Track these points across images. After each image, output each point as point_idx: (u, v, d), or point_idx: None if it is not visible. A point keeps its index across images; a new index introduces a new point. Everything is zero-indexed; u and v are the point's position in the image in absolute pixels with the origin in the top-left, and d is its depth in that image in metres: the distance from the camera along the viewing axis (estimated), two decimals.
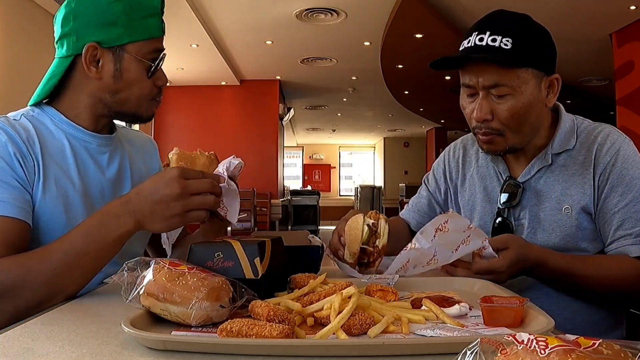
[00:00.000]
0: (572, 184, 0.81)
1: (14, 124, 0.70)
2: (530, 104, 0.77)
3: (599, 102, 5.87)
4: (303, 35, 4.41)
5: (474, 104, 0.79)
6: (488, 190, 0.89)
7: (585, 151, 0.81)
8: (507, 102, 0.76)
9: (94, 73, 0.73)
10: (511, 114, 0.77)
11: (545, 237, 0.81)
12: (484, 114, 0.77)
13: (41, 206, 0.68)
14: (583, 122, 0.86)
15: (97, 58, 0.73)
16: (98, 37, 0.72)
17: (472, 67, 0.78)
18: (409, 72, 5.21)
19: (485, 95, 0.77)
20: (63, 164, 0.73)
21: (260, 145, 5.98)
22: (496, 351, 0.28)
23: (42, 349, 0.42)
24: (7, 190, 0.65)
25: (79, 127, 0.76)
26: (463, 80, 0.80)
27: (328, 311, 0.46)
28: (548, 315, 0.46)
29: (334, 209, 10.64)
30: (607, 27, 3.84)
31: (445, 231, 0.66)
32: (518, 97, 0.76)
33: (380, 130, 10.33)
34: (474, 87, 0.78)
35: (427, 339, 0.43)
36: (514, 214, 0.84)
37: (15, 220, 0.64)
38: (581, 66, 4.79)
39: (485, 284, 0.64)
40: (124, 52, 0.73)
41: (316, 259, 0.71)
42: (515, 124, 0.78)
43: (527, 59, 0.76)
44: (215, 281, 0.47)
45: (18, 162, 0.67)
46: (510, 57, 0.74)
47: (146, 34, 0.73)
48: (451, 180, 0.97)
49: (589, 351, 0.26)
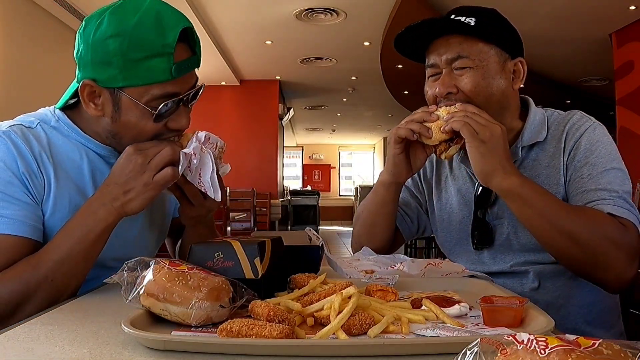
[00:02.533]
0: (545, 177, 0.79)
1: (27, 136, 0.66)
2: (493, 79, 0.77)
3: (598, 102, 5.87)
4: (303, 35, 4.41)
5: (437, 82, 0.78)
6: (462, 192, 0.87)
7: (555, 142, 0.80)
8: (469, 75, 0.76)
9: (92, 110, 0.66)
10: (474, 86, 0.75)
11: (527, 235, 0.78)
12: (446, 87, 0.76)
13: (49, 224, 0.66)
14: (553, 113, 0.84)
15: (98, 94, 0.65)
16: (94, 75, 0.64)
17: (436, 44, 0.78)
18: (408, 72, 5.19)
19: (449, 72, 0.77)
20: (78, 180, 0.70)
21: (260, 145, 5.98)
22: (496, 351, 0.28)
23: (42, 349, 0.42)
24: (19, 207, 0.63)
25: (95, 141, 0.71)
26: (427, 62, 0.80)
27: (328, 311, 0.45)
28: (548, 315, 0.46)
29: (334, 209, 10.65)
30: (607, 27, 3.84)
31: (438, 267, 0.68)
32: (480, 70, 0.76)
33: (380, 131, 10.33)
34: (437, 66, 0.78)
35: (427, 339, 0.43)
36: (492, 214, 0.82)
37: (25, 240, 0.63)
38: (581, 66, 4.79)
39: (485, 285, 0.64)
40: (122, 94, 0.64)
41: (316, 259, 0.71)
42: (481, 99, 0.76)
43: (489, 34, 0.77)
44: (215, 281, 0.47)
45: (26, 179, 0.64)
46: (473, 29, 0.76)
47: (146, 78, 0.62)
48: (425, 180, 0.95)
49: (589, 351, 0.26)
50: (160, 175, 0.63)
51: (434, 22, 0.79)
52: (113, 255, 0.69)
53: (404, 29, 0.79)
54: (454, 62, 0.76)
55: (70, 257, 0.62)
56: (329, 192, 11.37)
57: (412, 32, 0.79)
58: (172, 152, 0.63)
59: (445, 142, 0.74)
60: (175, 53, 0.63)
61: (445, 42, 0.78)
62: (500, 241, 0.82)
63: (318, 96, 7.03)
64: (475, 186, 0.84)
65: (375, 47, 4.64)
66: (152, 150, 0.63)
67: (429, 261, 0.68)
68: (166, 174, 0.63)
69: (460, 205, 0.87)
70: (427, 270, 0.67)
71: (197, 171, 0.67)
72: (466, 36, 0.77)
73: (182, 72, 0.65)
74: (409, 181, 0.95)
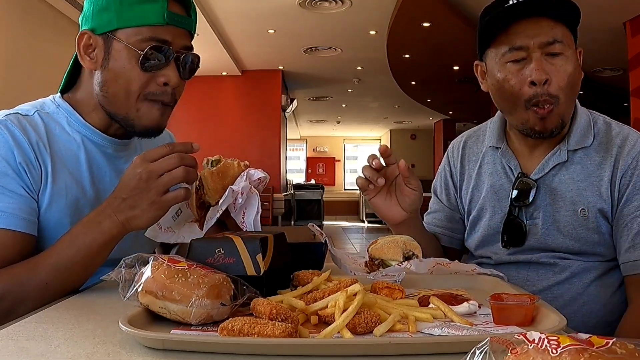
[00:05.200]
0: (588, 185, 0.77)
1: (24, 125, 0.66)
2: (577, 69, 0.73)
3: (612, 93, 5.76)
4: (306, 24, 4.36)
5: (526, 69, 0.72)
6: (496, 187, 0.83)
7: (603, 152, 0.77)
8: (562, 63, 0.71)
9: (87, 62, 0.68)
10: (568, 75, 0.71)
11: (560, 239, 0.77)
12: (544, 73, 0.69)
13: (46, 216, 0.66)
14: (599, 118, 0.81)
15: (93, 46, 0.68)
16: (92, 24, 0.68)
17: (523, 25, 0.72)
18: (416, 62, 5.14)
19: (540, 56, 0.70)
20: (75, 171, 0.69)
21: (262, 137, 5.96)
22: (506, 350, 0.27)
23: (37, 349, 0.41)
24: (13, 199, 0.62)
25: (95, 129, 0.71)
26: (510, 42, 0.73)
27: (332, 309, 0.44)
28: (560, 313, 0.45)
29: (339, 203, 10.65)
30: (621, 15, 3.76)
31: (447, 267, 0.66)
32: (570, 58, 0.72)
33: (387, 122, 10.27)
34: (525, 49, 0.71)
35: (435, 338, 0.42)
36: (527, 213, 0.79)
37: (19, 234, 0.62)
38: (594, 56, 4.68)
39: (495, 282, 0.62)
40: (114, 39, 0.66)
41: (320, 255, 0.70)
42: (569, 89, 0.72)
43: (574, 19, 0.72)
44: (216, 278, 0.46)
45: (24, 170, 0.64)
46: (566, 11, 0.71)
47: (139, 19, 0.65)
48: (453, 182, 0.92)
49: (602, 350, 0.25)
50: (171, 195, 0.61)
51: (525, 1, 0.71)
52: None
53: (492, 5, 0.73)
54: (548, 47, 0.71)
55: (69, 265, 0.60)
56: (334, 186, 11.35)
57: (497, 11, 0.73)
58: (184, 173, 0.60)
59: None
60: (169, 3, 0.67)
61: (535, 24, 0.71)
62: (531, 242, 0.80)
63: (322, 87, 6.98)
64: (511, 182, 0.81)
65: (381, 36, 4.57)
66: (160, 165, 0.60)
67: (437, 261, 0.66)
68: (178, 195, 0.61)
69: (492, 200, 0.83)
70: (435, 270, 0.65)
71: (241, 210, 0.67)
72: (555, 20, 0.71)
73: (173, 21, 0.67)
74: (442, 196, 0.92)
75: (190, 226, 0.69)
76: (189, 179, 0.61)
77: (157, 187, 0.60)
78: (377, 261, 0.69)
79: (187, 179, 0.61)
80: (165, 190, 0.60)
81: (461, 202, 0.90)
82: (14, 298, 0.59)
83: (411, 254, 0.68)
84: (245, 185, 0.65)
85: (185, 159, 0.61)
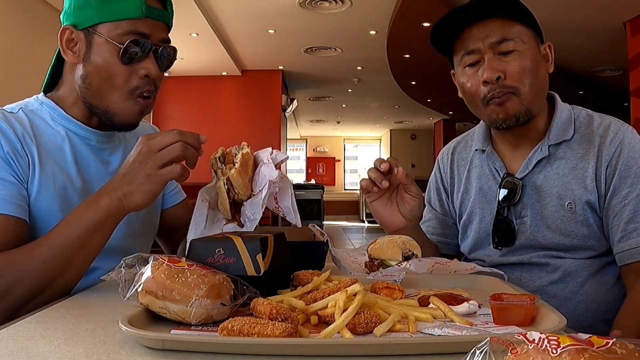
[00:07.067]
0: (572, 178, 0.77)
1: (9, 118, 0.68)
2: (536, 62, 0.75)
3: (612, 93, 5.76)
4: (306, 24, 4.36)
5: (480, 70, 0.75)
6: (484, 190, 0.84)
7: (586, 144, 0.78)
8: (514, 59, 0.73)
9: (70, 56, 0.70)
10: (522, 69, 0.73)
11: (549, 235, 0.78)
12: (494, 71, 0.73)
13: (36, 204, 0.67)
14: (581, 112, 0.82)
15: (75, 41, 0.70)
16: (73, 20, 0.69)
17: (472, 30, 0.75)
18: (416, 62, 5.13)
19: (492, 56, 0.74)
20: (61, 161, 0.71)
21: (262, 137, 5.96)
22: (506, 350, 0.27)
23: (36, 348, 0.41)
24: (4, 186, 0.64)
25: (77, 122, 0.73)
26: (464, 47, 0.76)
27: (332, 309, 0.44)
28: (559, 313, 0.45)
29: (339, 203, 10.64)
30: (621, 15, 3.76)
31: (446, 267, 0.66)
32: (526, 53, 0.74)
33: (387, 122, 10.26)
34: (477, 52, 0.75)
35: (435, 338, 0.42)
36: (515, 212, 0.80)
37: (12, 218, 0.63)
38: (594, 56, 4.69)
39: (495, 282, 0.62)
40: (95, 33, 0.68)
41: (320, 255, 0.69)
42: (529, 80, 0.74)
43: (526, 16, 0.74)
44: (216, 278, 0.46)
45: (12, 159, 0.66)
46: (513, 11, 0.73)
47: (118, 14, 0.67)
48: (444, 188, 0.93)
49: (602, 351, 0.25)
50: (166, 169, 0.61)
51: (471, 6, 0.75)
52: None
53: (441, 18, 0.76)
54: (498, 46, 0.74)
55: (67, 243, 0.61)
56: (334, 186, 11.34)
57: (447, 21, 0.77)
58: (182, 148, 0.61)
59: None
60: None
61: (483, 27, 0.74)
62: (522, 241, 0.80)
63: (322, 87, 6.97)
64: (498, 183, 0.82)
65: (381, 36, 4.57)
66: (160, 140, 0.61)
67: (437, 260, 0.66)
68: (173, 170, 0.61)
69: (481, 202, 0.85)
70: (435, 269, 0.66)
71: (273, 196, 0.67)
72: (505, 20, 0.74)
73: (151, 14, 0.69)
74: (435, 204, 0.93)
75: (228, 227, 0.68)
76: (187, 154, 0.62)
77: (154, 160, 0.61)
78: (376, 261, 0.69)
79: (185, 154, 0.62)
80: (163, 164, 0.61)
81: (453, 207, 0.91)
82: (10, 279, 0.59)
83: (410, 253, 0.68)
84: (277, 173, 0.65)
85: (185, 136, 0.62)
